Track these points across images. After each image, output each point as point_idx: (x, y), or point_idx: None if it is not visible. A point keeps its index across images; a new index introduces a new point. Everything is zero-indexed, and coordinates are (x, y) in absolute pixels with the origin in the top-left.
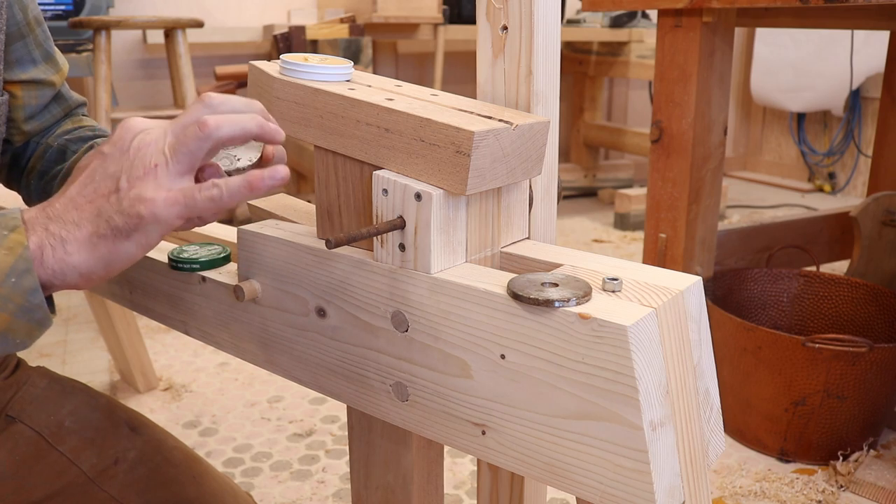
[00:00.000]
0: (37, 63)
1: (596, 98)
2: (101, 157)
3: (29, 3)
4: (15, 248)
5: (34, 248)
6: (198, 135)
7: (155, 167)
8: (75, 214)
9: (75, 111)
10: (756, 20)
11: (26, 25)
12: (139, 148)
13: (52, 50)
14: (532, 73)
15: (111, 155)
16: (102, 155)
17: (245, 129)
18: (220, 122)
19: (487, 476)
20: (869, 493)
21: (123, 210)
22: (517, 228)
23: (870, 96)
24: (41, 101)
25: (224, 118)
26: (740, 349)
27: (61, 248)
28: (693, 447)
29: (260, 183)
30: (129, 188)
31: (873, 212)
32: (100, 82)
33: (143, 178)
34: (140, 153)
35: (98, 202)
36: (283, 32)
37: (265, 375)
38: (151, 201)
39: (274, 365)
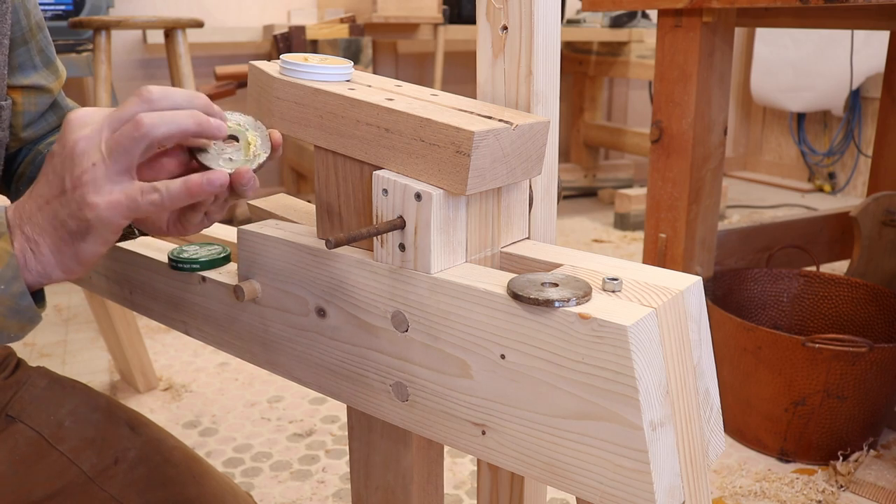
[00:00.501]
0: (37, 69)
1: (596, 98)
2: (51, 155)
3: (32, 8)
4: (2, 257)
5: (18, 253)
6: (132, 134)
7: (92, 166)
8: (39, 217)
9: None
10: (756, 20)
11: (29, 31)
12: (75, 142)
13: (53, 56)
14: (532, 73)
15: (58, 152)
16: (52, 153)
17: (182, 127)
18: (156, 121)
19: (487, 476)
20: (869, 493)
21: (73, 213)
22: (517, 228)
23: (870, 96)
24: (39, 108)
25: (159, 116)
26: (740, 349)
27: (38, 252)
28: (693, 447)
29: (198, 189)
30: (73, 189)
31: (873, 212)
32: (100, 82)
33: (81, 179)
34: (76, 148)
35: (53, 204)
36: (283, 32)
37: (265, 375)
38: (94, 206)
39: (274, 365)
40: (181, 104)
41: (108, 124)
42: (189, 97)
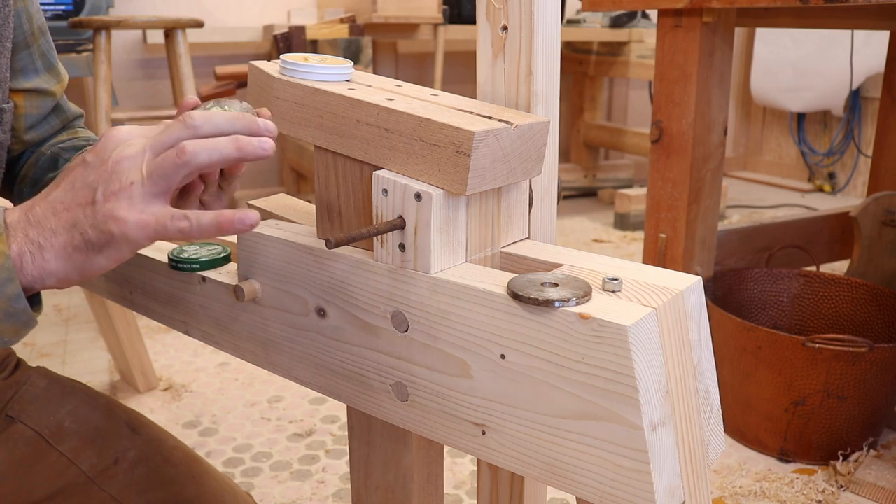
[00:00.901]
0: (39, 73)
1: (596, 98)
2: (83, 165)
3: (35, 13)
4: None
5: (14, 256)
6: (175, 161)
7: (130, 185)
8: (53, 221)
9: (72, 123)
10: (756, 20)
11: (31, 35)
12: (118, 161)
13: (55, 60)
14: (532, 73)
15: (92, 164)
16: (85, 163)
17: (224, 155)
18: (198, 150)
19: (487, 476)
20: (869, 493)
21: (97, 224)
22: (517, 228)
23: (870, 96)
24: (42, 111)
25: (202, 145)
26: (740, 349)
27: (39, 256)
28: (693, 447)
29: (229, 226)
30: (104, 201)
31: (873, 212)
32: (100, 82)
33: (117, 194)
34: (118, 167)
35: (75, 211)
36: (283, 32)
37: (265, 375)
38: (123, 221)
39: (274, 365)
40: (224, 128)
41: (151, 147)
42: (231, 119)
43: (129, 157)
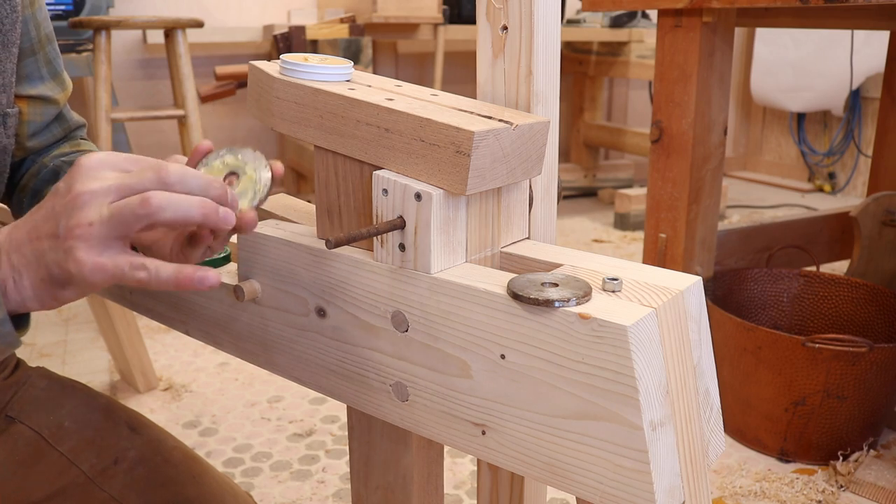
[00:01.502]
0: (44, 80)
1: (596, 98)
2: (55, 194)
3: (42, 20)
4: None
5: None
6: (137, 211)
7: (89, 225)
8: (28, 249)
9: (74, 133)
10: (756, 20)
11: (38, 42)
12: (80, 193)
13: (60, 68)
14: (532, 73)
15: (60, 193)
16: (56, 191)
17: (188, 216)
18: (163, 204)
19: (487, 476)
20: (869, 493)
21: (59, 261)
22: (517, 228)
23: (870, 96)
24: (45, 118)
25: (167, 200)
26: (740, 349)
27: (20, 282)
28: (693, 447)
29: (188, 284)
30: (65, 238)
31: (873, 212)
32: (100, 82)
33: (75, 231)
34: (79, 200)
35: (43, 242)
36: (283, 32)
37: (265, 375)
38: (81, 263)
39: (274, 365)
40: (194, 190)
41: (117, 188)
42: (204, 186)
43: (92, 193)
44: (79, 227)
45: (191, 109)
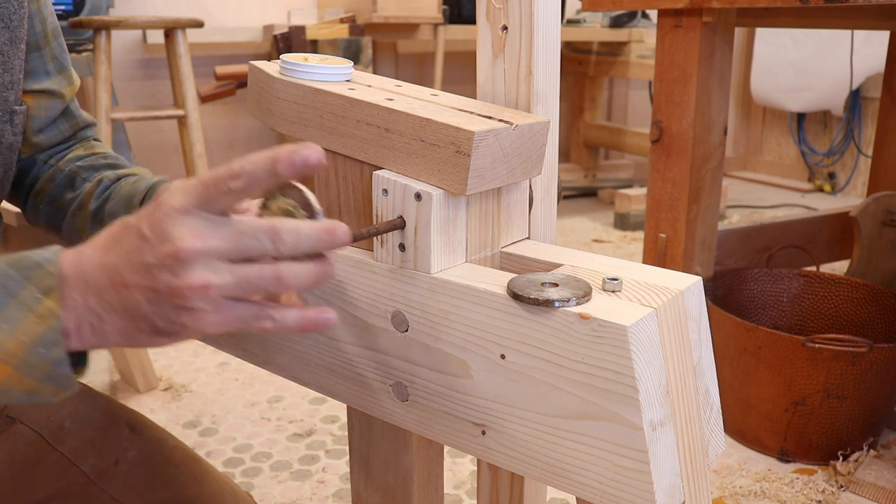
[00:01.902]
0: (50, 75)
1: (596, 98)
2: (139, 238)
3: (48, 15)
4: (47, 318)
5: (73, 326)
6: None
7: (205, 287)
8: (112, 295)
9: (84, 132)
10: (756, 20)
11: (43, 37)
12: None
13: (67, 63)
14: (532, 73)
15: (149, 240)
16: (140, 235)
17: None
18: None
19: (487, 476)
20: (869, 493)
21: (166, 315)
22: (517, 228)
23: (870, 96)
24: (50, 113)
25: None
26: (740, 349)
27: (99, 326)
28: (693, 447)
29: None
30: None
31: (873, 212)
32: (100, 82)
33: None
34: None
35: (134, 292)
36: (283, 32)
37: (265, 375)
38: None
39: (274, 365)
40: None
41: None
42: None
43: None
44: (190, 289)
45: (191, 109)
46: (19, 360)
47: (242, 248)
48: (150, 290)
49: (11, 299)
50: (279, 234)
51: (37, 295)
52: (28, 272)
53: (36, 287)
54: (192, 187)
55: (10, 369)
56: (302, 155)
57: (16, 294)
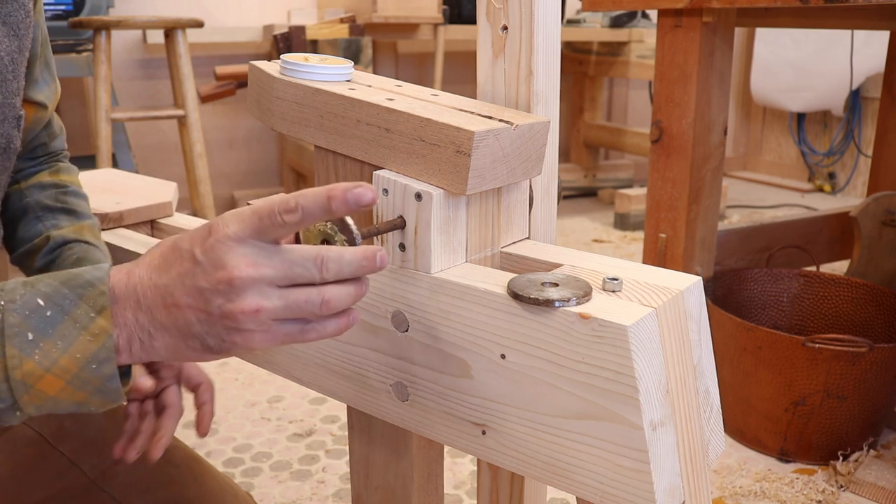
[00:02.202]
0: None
1: (596, 98)
2: (192, 262)
3: (43, 24)
4: (100, 336)
5: (123, 342)
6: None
7: (257, 311)
8: (163, 315)
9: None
10: (756, 20)
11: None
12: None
13: (54, 71)
14: (532, 73)
15: (203, 266)
16: (194, 259)
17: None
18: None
19: (487, 476)
20: (869, 493)
21: (218, 334)
22: (517, 228)
23: (870, 96)
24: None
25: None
26: (740, 349)
27: (149, 343)
28: (693, 447)
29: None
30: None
31: (873, 212)
32: (100, 82)
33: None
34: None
35: (186, 313)
36: (283, 32)
37: (265, 375)
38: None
39: (274, 365)
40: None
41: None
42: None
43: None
44: (243, 313)
45: (191, 109)
46: (73, 375)
47: (292, 276)
48: (203, 312)
49: (66, 317)
50: (325, 262)
51: (90, 314)
52: (81, 291)
53: (89, 306)
54: (246, 217)
55: (64, 384)
56: (356, 193)
57: (70, 312)
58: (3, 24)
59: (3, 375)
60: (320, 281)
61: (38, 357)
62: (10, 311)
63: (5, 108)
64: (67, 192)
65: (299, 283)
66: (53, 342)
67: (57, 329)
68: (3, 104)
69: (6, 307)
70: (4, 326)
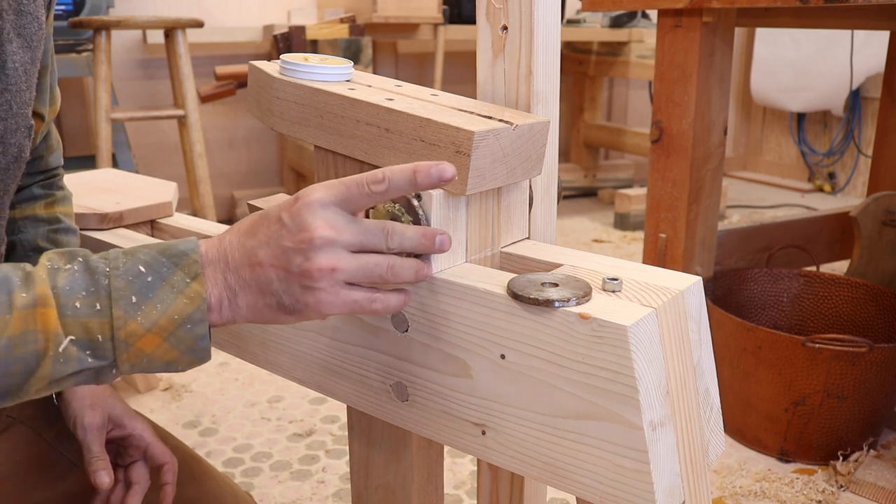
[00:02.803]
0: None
1: (596, 98)
2: (279, 224)
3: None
4: (195, 299)
5: (214, 301)
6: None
7: (332, 271)
8: (248, 273)
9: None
10: (756, 20)
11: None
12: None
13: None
14: (532, 73)
15: (288, 228)
16: (280, 222)
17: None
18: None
19: (487, 476)
20: (869, 493)
21: (293, 293)
22: (517, 228)
23: (870, 96)
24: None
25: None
26: (740, 349)
27: (234, 302)
28: (693, 447)
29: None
30: (301, 276)
31: (873, 212)
32: (100, 82)
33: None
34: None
35: (268, 270)
36: (283, 32)
37: (265, 375)
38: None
39: (274, 365)
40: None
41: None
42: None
43: (332, 241)
44: (320, 270)
45: (191, 109)
46: (170, 333)
47: (364, 242)
48: (283, 269)
49: (164, 283)
50: (390, 233)
51: (186, 280)
52: (177, 259)
53: (184, 273)
54: (334, 185)
55: (161, 341)
56: (439, 168)
57: (168, 279)
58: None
59: (109, 334)
60: (386, 250)
61: (140, 318)
62: (115, 277)
63: (18, 119)
64: (59, 231)
65: (369, 249)
66: (153, 305)
67: (156, 293)
68: (17, 114)
69: (112, 273)
70: (111, 290)
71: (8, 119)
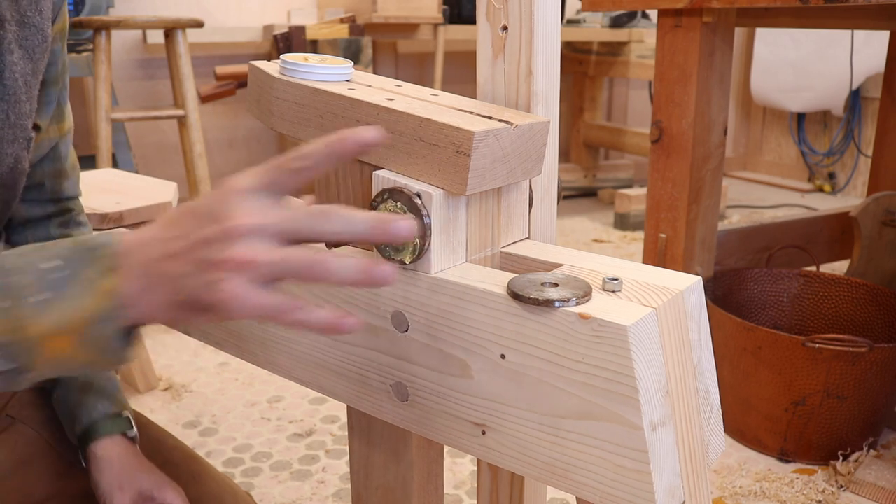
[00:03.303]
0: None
1: (596, 98)
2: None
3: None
4: (108, 295)
5: (133, 294)
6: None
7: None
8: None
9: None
10: (756, 20)
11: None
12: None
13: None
14: (532, 73)
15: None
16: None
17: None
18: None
19: (487, 476)
20: (869, 493)
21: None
22: (517, 228)
23: (870, 96)
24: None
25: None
26: (740, 349)
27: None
28: (693, 447)
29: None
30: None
31: (873, 212)
32: (100, 82)
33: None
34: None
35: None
36: (283, 32)
37: (265, 375)
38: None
39: (274, 365)
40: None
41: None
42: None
43: (252, 228)
44: (234, 261)
45: (191, 109)
46: (81, 334)
47: (298, 229)
48: (196, 261)
49: (75, 279)
50: (329, 215)
51: (98, 275)
52: (91, 254)
53: (98, 268)
54: (258, 170)
55: (73, 340)
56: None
57: (80, 273)
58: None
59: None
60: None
61: (49, 316)
62: (24, 273)
63: (17, 129)
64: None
65: (301, 238)
66: (64, 302)
67: (68, 290)
68: (15, 125)
69: (24, 268)
70: (19, 287)
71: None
